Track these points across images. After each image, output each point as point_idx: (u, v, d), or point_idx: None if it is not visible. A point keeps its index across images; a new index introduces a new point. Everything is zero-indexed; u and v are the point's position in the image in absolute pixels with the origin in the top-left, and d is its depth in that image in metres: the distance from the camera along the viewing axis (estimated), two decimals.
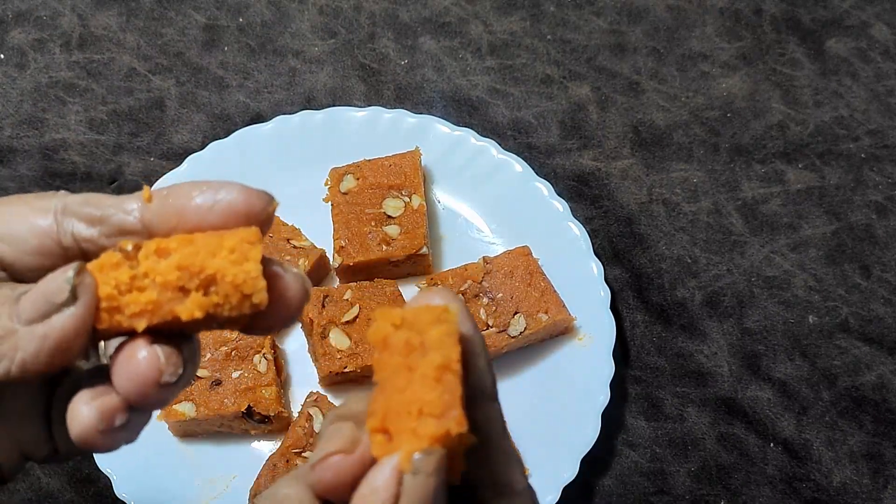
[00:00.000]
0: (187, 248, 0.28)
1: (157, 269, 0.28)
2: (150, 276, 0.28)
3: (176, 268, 0.27)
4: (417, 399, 0.26)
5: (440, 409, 0.26)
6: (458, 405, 0.26)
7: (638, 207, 0.73)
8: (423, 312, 0.27)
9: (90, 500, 0.63)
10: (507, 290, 0.63)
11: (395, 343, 0.27)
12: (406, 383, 0.26)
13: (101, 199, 0.30)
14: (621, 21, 0.81)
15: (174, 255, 0.28)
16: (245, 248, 0.28)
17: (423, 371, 0.26)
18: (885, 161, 0.74)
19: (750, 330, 0.68)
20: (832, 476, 0.63)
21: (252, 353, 0.62)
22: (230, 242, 0.28)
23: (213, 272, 0.27)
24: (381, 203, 0.67)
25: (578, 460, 0.60)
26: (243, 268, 0.27)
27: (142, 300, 0.28)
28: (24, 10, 0.81)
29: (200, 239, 0.28)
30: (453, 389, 0.26)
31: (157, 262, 0.28)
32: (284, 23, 0.81)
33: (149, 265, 0.28)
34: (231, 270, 0.27)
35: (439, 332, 0.27)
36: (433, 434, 0.25)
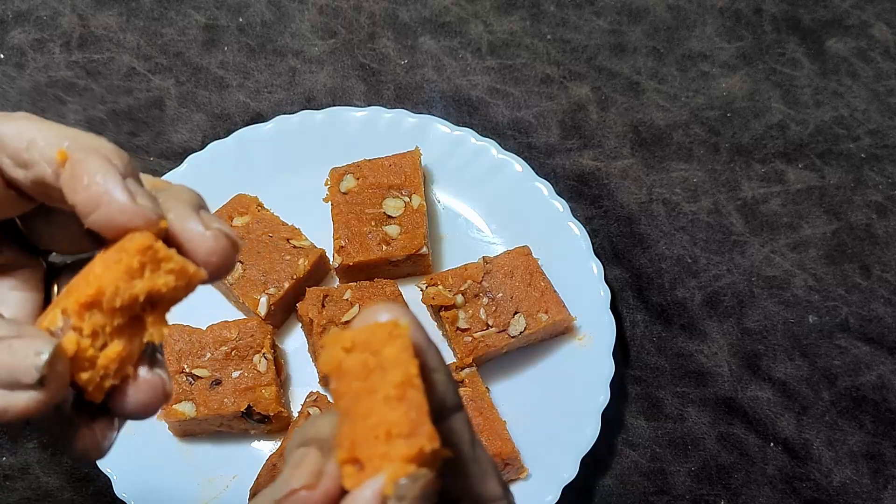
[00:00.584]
0: (103, 284, 0.27)
1: (100, 324, 0.27)
2: (100, 333, 0.27)
3: (111, 314, 0.28)
4: (383, 421, 0.25)
5: (408, 427, 0.24)
6: (426, 420, 0.25)
7: (638, 207, 0.73)
8: (374, 331, 0.26)
9: (89, 499, 0.63)
10: (507, 289, 0.63)
11: (349, 368, 0.26)
12: (369, 407, 0.25)
13: (34, 135, 0.29)
14: (621, 21, 0.81)
15: (102, 300, 0.27)
16: (150, 255, 0.27)
17: (384, 392, 0.25)
18: (885, 161, 0.74)
19: (750, 330, 0.68)
20: (832, 476, 0.63)
21: (252, 353, 0.62)
22: (134, 257, 0.27)
23: (145, 294, 0.28)
24: (381, 203, 0.67)
25: (578, 460, 0.60)
26: (166, 269, 0.28)
27: (114, 353, 0.28)
28: (25, 9, 0.81)
29: (103, 273, 0.27)
30: (418, 405, 0.25)
31: (93, 318, 0.27)
32: (284, 22, 0.81)
33: (91, 325, 0.27)
34: (159, 282, 0.28)
35: (393, 348, 0.26)
36: (405, 454, 0.24)
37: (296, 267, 0.65)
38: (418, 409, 0.25)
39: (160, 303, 0.28)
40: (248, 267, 0.65)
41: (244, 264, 0.65)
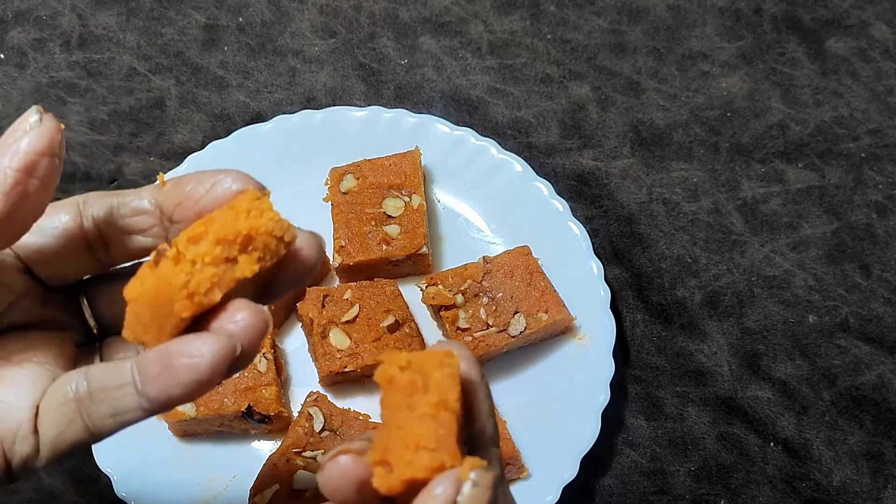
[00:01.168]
0: (213, 225, 0.30)
1: (201, 252, 0.30)
2: (199, 261, 0.30)
3: (215, 243, 0.30)
4: (414, 433, 0.28)
5: (435, 443, 0.27)
6: (452, 441, 0.28)
7: (638, 207, 0.73)
8: (429, 357, 0.29)
9: (91, 499, 0.63)
10: (507, 289, 0.63)
11: (398, 383, 0.29)
12: (406, 420, 0.28)
13: (119, 192, 0.34)
14: (621, 20, 0.81)
15: (208, 235, 0.30)
16: (257, 204, 0.31)
17: (421, 409, 0.28)
18: (885, 160, 0.74)
19: (750, 329, 0.68)
20: (832, 475, 0.63)
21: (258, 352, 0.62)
22: (243, 206, 0.31)
23: (246, 232, 0.30)
24: (380, 203, 0.67)
25: (578, 460, 0.60)
26: (267, 217, 0.31)
27: (206, 276, 0.30)
28: (24, 9, 0.81)
29: (217, 216, 0.31)
30: (449, 425, 0.28)
31: (197, 248, 0.30)
32: (284, 22, 0.81)
33: (193, 252, 0.30)
34: (259, 224, 0.30)
35: (441, 374, 0.29)
36: (427, 465, 0.27)
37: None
38: (448, 428, 0.28)
39: (255, 251, 0.31)
40: None
41: None
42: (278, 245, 0.31)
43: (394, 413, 0.29)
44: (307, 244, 0.33)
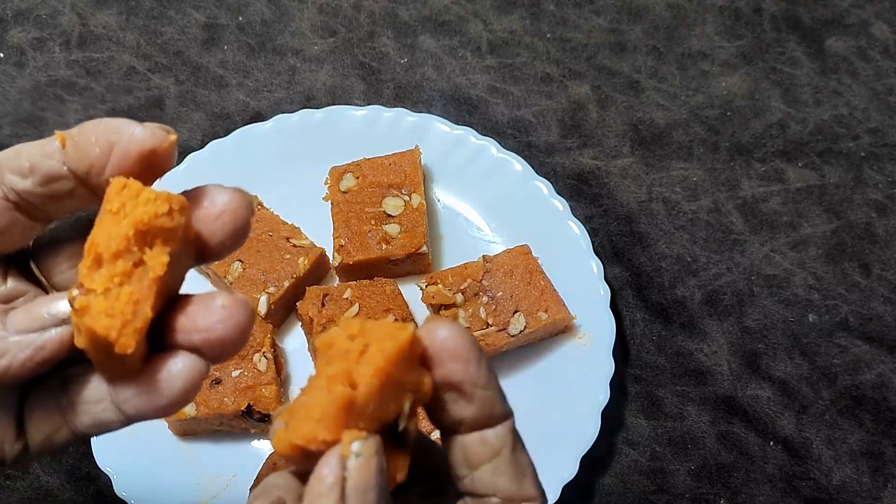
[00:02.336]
0: (101, 239, 0.28)
1: (105, 277, 0.28)
2: (110, 287, 0.28)
3: (114, 259, 0.28)
4: (306, 402, 0.27)
5: (319, 414, 0.27)
6: (340, 413, 0.27)
7: (638, 206, 0.73)
8: (382, 327, 0.28)
9: (90, 498, 0.63)
10: (506, 288, 0.63)
11: (333, 350, 0.28)
12: (312, 387, 0.28)
13: (27, 147, 0.31)
14: (621, 20, 0.81)
15: (101, 254, 0.28)
16: (127, 193, 0.28)
17: (326, 373, 0.27)
18: (885, 159, 0.74)
19: (750, 328, 0.68)
20: (832, 475, 0.63)
21: (252, 352, 0.62)
22: (115, 204, 0.28)
23: (133, 231, 0.28)
24: (380, 202, 0.67)
25: (578, 459, 0.60)
26: (143, 201, 0.28)
27: (125, 300, 0.28)
28: (24, 8, 0.81)
29: (99, 227, 0.29)
30: (341, 399, 0.27)
31: (100, 273, 0.28)
32: (284, 21, 0.81)
33: (99, 282, 0.28)
34: (140, 214, 0.28)
35: (378, 347, 0.28)
36: (305, 435, 0.27)
37: (296, 266, 0.65)
38: (338, 401, 0.27)
39: (155, 240, 0.29)
40: (247, 266, 0.65)
41: (244, 263, 0.65)
42: (174, 218, 0.29)
43: (313, 379, 0.28)
44: (230, 202, 0.30)
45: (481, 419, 0.30)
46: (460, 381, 0.29)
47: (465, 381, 0.29)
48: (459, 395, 0.29)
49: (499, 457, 0.30)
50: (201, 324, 0.29)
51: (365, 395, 0.27)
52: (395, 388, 0.28)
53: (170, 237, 0.29)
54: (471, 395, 0.29)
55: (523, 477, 0.31)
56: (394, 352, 0.27)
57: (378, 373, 0.27)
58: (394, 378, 0.28)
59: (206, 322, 0.29)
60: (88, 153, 0.30)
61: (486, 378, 0.30)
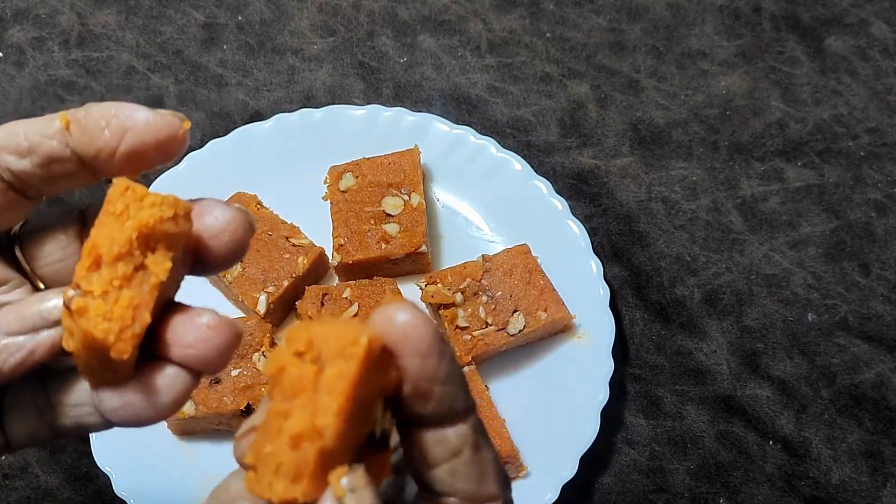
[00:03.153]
0: (101, 241, 0.28)
1: (105, 280, 0.27)
2: (109, 290, 0.27)
3: (114, 261, 0.27)
4: (276, 457, 0.25)
5: (293, 473, 0.25)
6: (312, 474, 0.25)
7: (637, 205, 0.73)
8: (334, 337, 0.25)
9: (89, 497, 0.63)
10: (506, 288, 0.63)
11: (286, 379, 0.26)
12: (276, 433, 0.26)
13: (26, 126, 0.30)
14: (620, 19, 0.81)
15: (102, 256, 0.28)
16: (131, 195, 0.28)
17: (290, 429, 0.25)
18: (885, 159, 0.74)
19: (749, 328, 0.68)
20: (831, 474, 0.63)
21: (251, 352, 0.62)
22: (118, 205, 0.28)
23: (137, 234, 0.27)
24: (380, 201, 0.67)
25: (578, 458, 0.60)
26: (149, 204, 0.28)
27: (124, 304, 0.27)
28: (23, 7, 0.81)
29: (100, 228, 0.28)
30: (313, 453, 0.25)
31: (99, 275, 0.27)
32: (283, 21, 0.81)
33: (97, 284, 0.27)
34: (145, 217, 0.28)
35: (335, 371, 0.25)
36: (282, 497, 0.25)
37: (295, 265, 0.65)
38: (311, 457, 0.25)
39: (157, 245, 0.28)
40: (247, 265, 0.65)
41: (243, 262, 0.65)
42: (178, 223, 0.28)
43: (272, 416, 0.26)
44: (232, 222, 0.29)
45: (440, 416, 0.27)
46: (417, 377, 0.26)
47: (423, 378, 0.26)
48: (416, 390, 0.27)
49: (458, 457, 0.27)
50: (184, 339, 0.28)
51: (334, 438, 0.25)
52: (365, 407, 0.26)
53: (173, 243, 0.28)
54: (429, 392, 0.27)
55: (484, 476, 0.28)
56: (354, 376, 0.25)
57: (342, 409, 0.25)
58: (360, 401, 0.25)
59: (189, 339, 0.28)
60: (97, 137, 0.29)
61: (447, 372, 0.27)
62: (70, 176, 0.30)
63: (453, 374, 0.27)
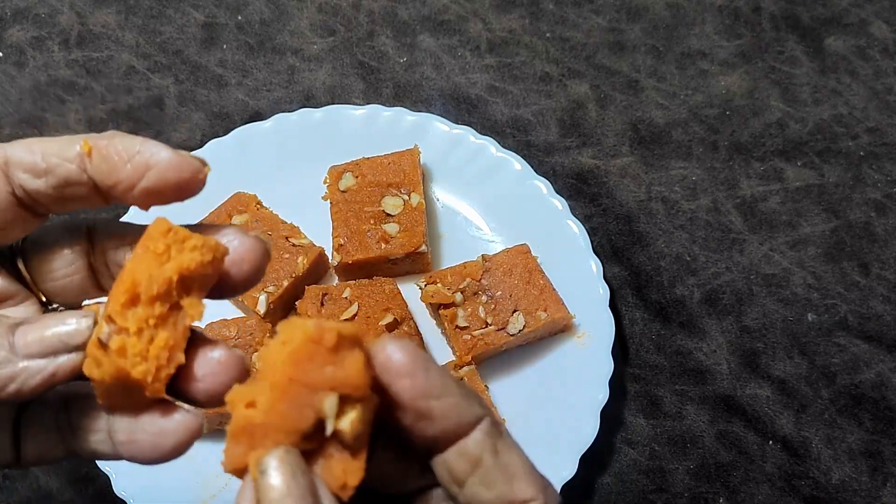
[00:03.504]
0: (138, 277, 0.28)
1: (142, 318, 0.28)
2: (144, 328, 0.28)
3: (152, 302, 0.28)
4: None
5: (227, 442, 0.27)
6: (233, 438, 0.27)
7: (637, 205, 0.73)
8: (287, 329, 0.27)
9: (89, 499, 0.63)
10: (506, 288, 0.63)
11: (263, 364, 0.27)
12: None
13: (45, 146, 0.30)
14: (620, 19, 0.81)
15: (140, 295, 0.28)
16: (173, 237, 0.29)
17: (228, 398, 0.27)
18: (884, 159, 0.74)
19: (749, 328, 0.68)
20: (831, 474, 0.63)
21: (251, 351, 0.62)
22: (159, 244, 0.28)
23: (178, 276, 0.28)
24: (379, 201, 0.67)
25: (578, 458, 0.60)
26: (190, 248, 0.28)
27: (161, 344, 0.28)
28: (23, 7, 0.81)
29: (137, 265, 0.29)
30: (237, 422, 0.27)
31: (136, 312, 0.28)
32: (283, 21, 0.81)
33: (133, 321, 0.28)
34: (185, 260, 0.28)
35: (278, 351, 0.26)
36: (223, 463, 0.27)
37: (295, 265, 0.65)
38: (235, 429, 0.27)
39: (193, 285, 0.29)
40: None
41: None
42: (215, 266, 0.29)
43: None
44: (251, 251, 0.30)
45: (451, 431, 0.28)
46: (411, 398, 0.27)
47: (417, 397, 0.27)
48: (417, 414, 0.27)
49: (481, 466, 0.28)
50: (195, 372, 0.29)
51: (266, 412, 0.26)
52: (306, 392, 0.26)
53: (206, 284, 0.29)
54: (429, 410, 0.27)
55: (513, 478, 0.28)
56: (288, 356, 0.26)
57: (275, 385, 0.26)
58: (299, 382, 0.26)
59: (199, 372, 0.29)
60: (118, 169, 0.30)
61: (441, 385, 0.27)
62: (82, 199, 0.31)
63: (446, 386, 0.28)
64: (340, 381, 0.26)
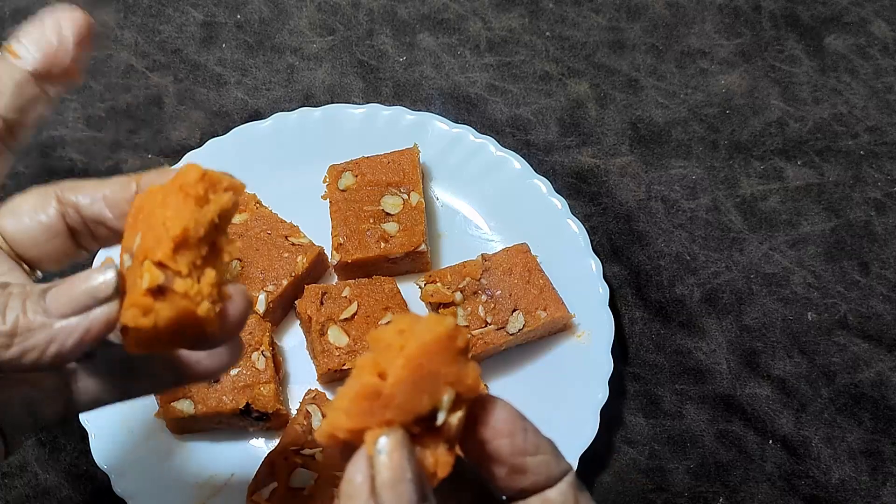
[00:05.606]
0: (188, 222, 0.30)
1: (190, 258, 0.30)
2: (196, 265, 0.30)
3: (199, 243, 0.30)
4: (344, 394, 0.28)
5: (346, 404, 0.28)
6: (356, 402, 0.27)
7: (637, 204, 0.72)
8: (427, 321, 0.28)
9: (88, 496, 0.63)
10: (505, 287, 0.63)
11: (380, 345, 0.28)
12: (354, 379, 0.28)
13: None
14: (620, 18, 0.81)
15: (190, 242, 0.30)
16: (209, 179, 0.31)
17: (358, 363, 0.28)
18: (884, 158, 0.74)
19: (749, 327, 0.68)
20: (831, 473, 0.63)
21: (250, 351, 0.62)
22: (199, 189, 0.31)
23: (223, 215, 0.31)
24: (379, 200, 0.67)
25: (577, 457, 0.60)
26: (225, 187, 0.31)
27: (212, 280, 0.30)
28: (22, 6, 0.81)
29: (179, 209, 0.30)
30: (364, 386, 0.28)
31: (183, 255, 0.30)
32: (282, 19, 0.81)
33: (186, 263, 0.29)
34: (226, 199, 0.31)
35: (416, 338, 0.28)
36: (332, 424, 0.28)
37: (294, 264, 0.65)
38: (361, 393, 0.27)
39: (224, 224, 0.31)
40: (246, 264, 0.65)
41: (243, 262, 0.65)
42: (237, 203, 0.32)
43: (356, 369, 0.29)
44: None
45: (539, 484, 0.30)
46: (511, 455, 0.30)
47: (514, 454, 0.30)
48: (512, 467, 0.30)
49: None
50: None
51: (393, 385, 0.27)
52: (431, 380, 0.28)
53: (229, 220, 0.31)
54: (523, 467, 0.30)
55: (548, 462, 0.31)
56: (428, 342, 0.28)
57: (408, 363, 0.27)
58: (428, 369, 0.28)
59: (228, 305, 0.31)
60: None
61: (535, 444, 0.30)
62: None
63: (541, 444, 0.30)
64: (460, 380, 0.28)
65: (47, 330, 0.29)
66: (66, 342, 0.29)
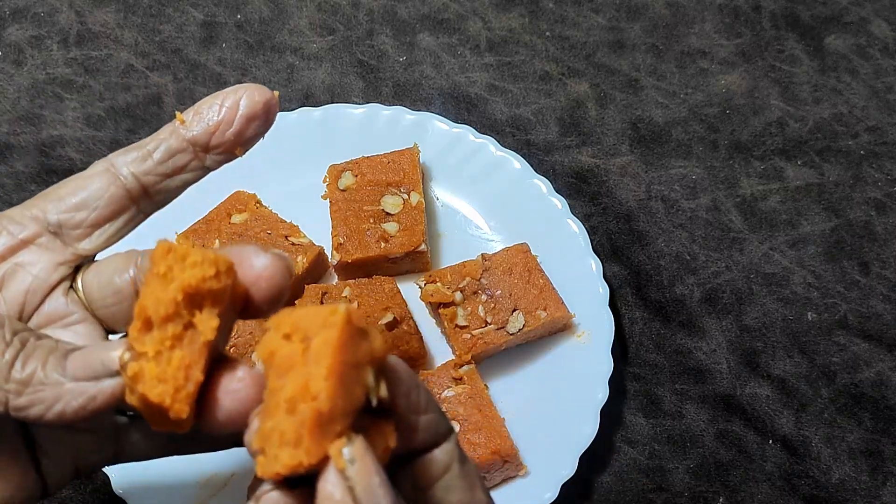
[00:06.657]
0: (149, 302, 0.29)
1: (157, 341, 0.29)
2: (161, 350, 0.29)
3: (164, 322, 0.29)
4: (277, 428, 0.27)
5: (294, 438, 0.26)
6: (311, 434, 0.26)
7: (637, 204, 0.72)
8: (314, 315, 0.27)
9: (87, 496, 0.63)
10: (505, 287, 0.63)
11: (277, 359, 0.28)
12: (274, 408, 0.27)
13: (143, 141, 0.37)
14: (620, 18, 0.81)
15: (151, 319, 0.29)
16: (174, 257, 0.29)
17: (284, 396, 0.27)
18: (884, 158, 0.74)
19: (749, 327, 0.68)
20: (831, 473, 0.63)
21: (250, 350, 0.62)
22: (161, 267, 0.29)
23: (182, 295, 0.29)
24: (379, 200, 0.67)
25: (577, 457, 0.60)
26: (191, 264, 0.29)
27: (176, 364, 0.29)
28: (22, 6, 0.81)
29: (148, 289, 0.29)
30: (310, 415, 0.26)
31: (151, 336, 0.29)
32: (282, 19, 0.81)
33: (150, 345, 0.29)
34: (188, 277, 0.29)
35: (320, 340, 0.27)
36: (286, 464, 0.26)
37: (294, 264, 0.65)
38: (309, 418, 0.26)
39: (203, 302, 0.30)
40: None
41: None
42: (221, 279, 0.30)
43: (269, 396, 0.28)
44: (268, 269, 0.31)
45: (427, 443, 0.31)
46: (405, 413, 0.30)
47: (409, 412, 0.30)
48: (405, 426, 0.30)
49: (449, 472, 0.31)
50: (216, 395, 0.30)
51: (328, 399, 0.26)
52: (354, 372, 0.27)
53: (218, 299, 0.29)
54: (416, 425, 0.30)
55: (474, 485, 0.31)
56: (337, 340, 0.27)
57: (331, 372, 0.26)
58: (347, 364, 0.27)
59: (220, 392, 0.30)
60: (212, 117, 0.36)
61: (426, 402, 0.30)
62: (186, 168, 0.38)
63: (430, 403, 0.31)
64: (372, 353, 0.28)
65: (57, 388, 0.29)
66: (70, 404, 0.30)
